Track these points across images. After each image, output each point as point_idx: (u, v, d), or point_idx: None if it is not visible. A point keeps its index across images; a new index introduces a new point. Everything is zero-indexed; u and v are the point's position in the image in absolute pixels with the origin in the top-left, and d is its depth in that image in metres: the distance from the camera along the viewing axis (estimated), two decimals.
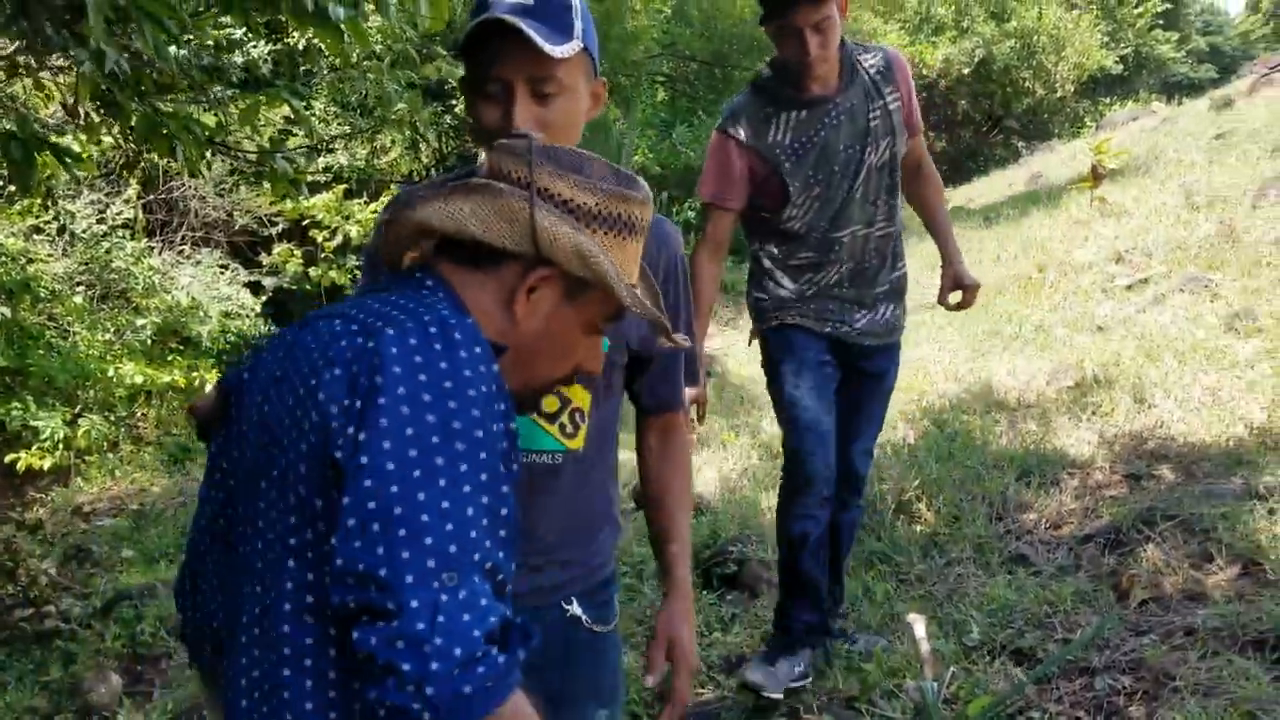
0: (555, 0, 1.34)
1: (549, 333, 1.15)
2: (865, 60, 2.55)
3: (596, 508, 1.53)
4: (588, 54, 1.38)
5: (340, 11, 2.81)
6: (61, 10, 2.61)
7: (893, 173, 2.61)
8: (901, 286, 2.77)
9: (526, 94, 1.33)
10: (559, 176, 1.10)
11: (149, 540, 5.02)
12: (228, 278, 8.86)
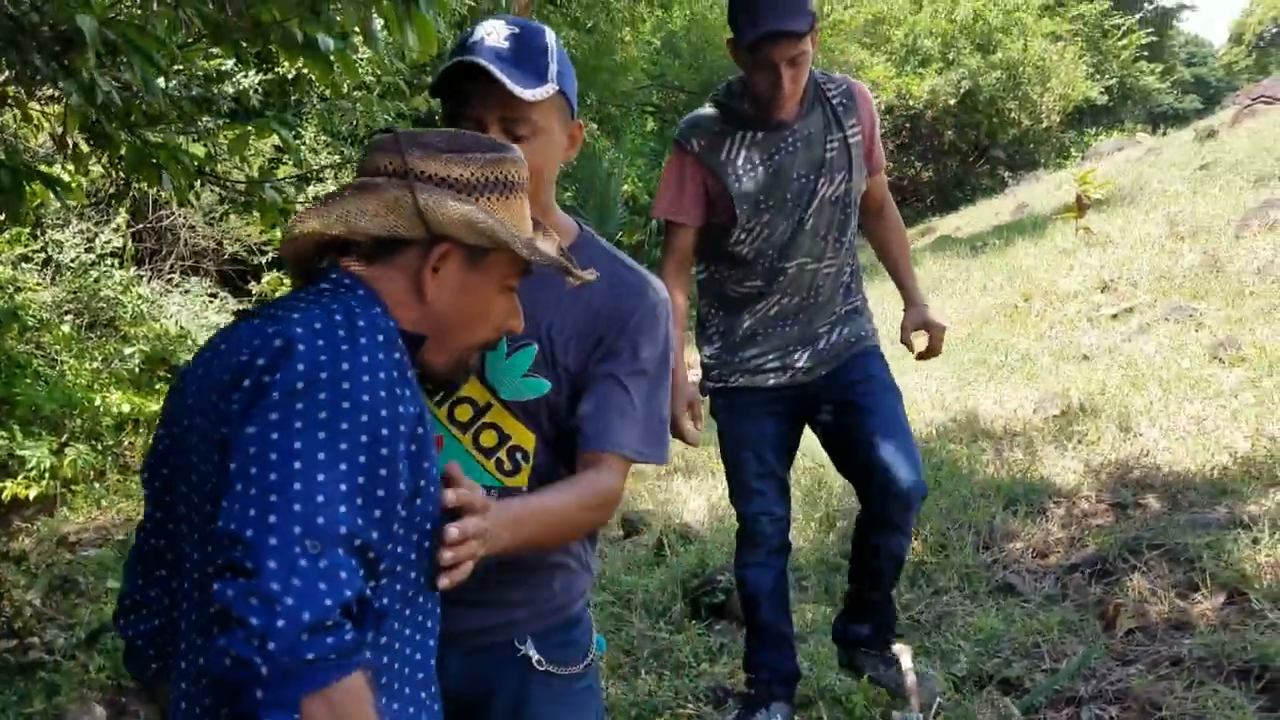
0: (531, 45, 1.38)
1: (463, 302, 1.20)
2: (828, 90, 2.48)
3: (550, 554, 1.48)
4: (563, 96, 1.40)
5: (330, 43, 2.83)
6: (51, 42, 2.63)
7: (846, 208, 2.51)
8: (854, 313, 2.62)
9: (499, 135, 1.36)
10: (431, 158, 1.16)
11: None
12: (216, 306, 8.85)
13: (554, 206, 1.51)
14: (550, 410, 1.44)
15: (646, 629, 3.48)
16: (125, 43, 2.51)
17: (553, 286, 1.43)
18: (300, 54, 2.86)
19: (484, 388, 1.45)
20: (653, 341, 1.46)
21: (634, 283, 1.47)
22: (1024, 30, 18.54)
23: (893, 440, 2.50)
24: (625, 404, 1.44)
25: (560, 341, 1.43)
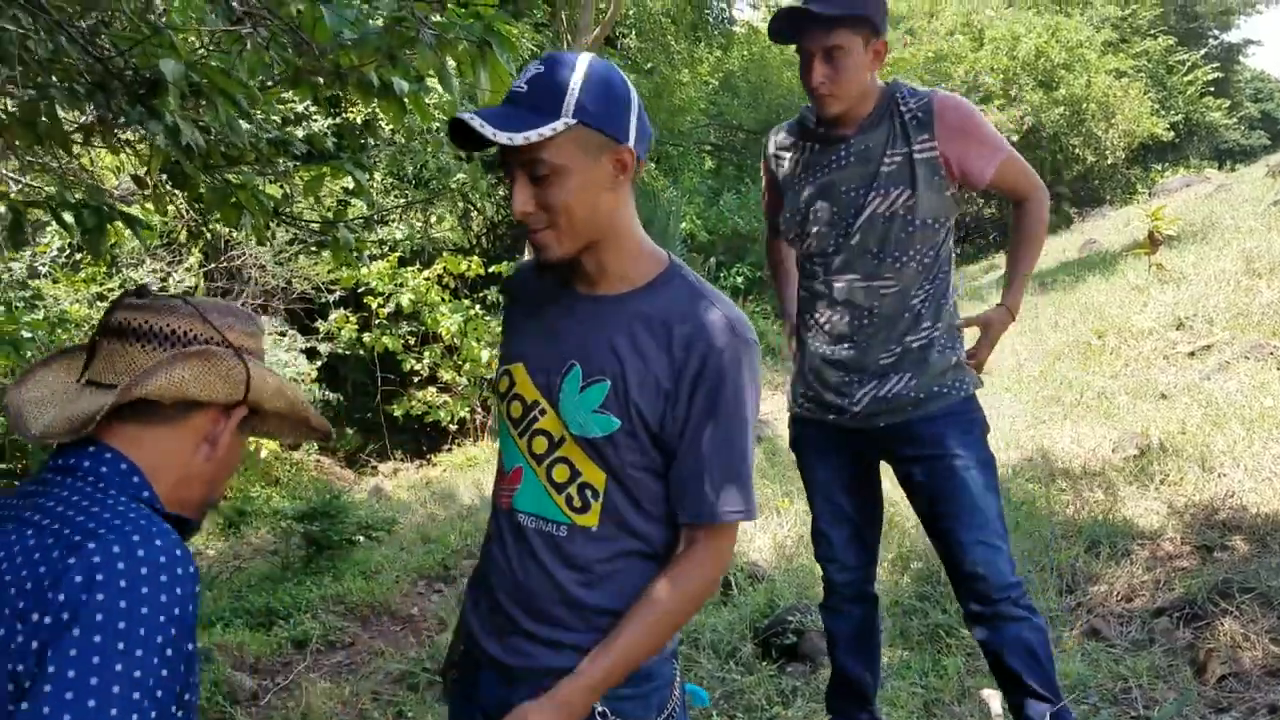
0: (548, 82, 1.35)
1: (226, 459, 1.26)
2: (906, 103, 2.37)
3: (621, 599, 1.44)
4: (587, 127, 1.36)
5: (404, 86, 2.88)
6: (136, 86, 2.71)
7: (910, 226, 2.34)
8: (926, 348, 2.40)
9: (524, 177, 1.38)
10: (235, 327, 1.26)
11: (204, 603, 5.04)
12: (285, 344, 9.02)
13: (630, 235, 1.46)
14: (618, 450, 1.41)
15: (716, 670, 3.41)
16: (209, 86, 2.58)
17: (629, 323, 1.42)
18: (375, 97, 2.91)
19: (559, 420, 1.44)
20: (733, 382, 1.40)
21: (715, 322, 1.41)
22: (1087, 67, 18.34)
23: (978, 537, 2.36)
24: (712, 461, 1.40)
25: (634, 380, 1.40)
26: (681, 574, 1.42)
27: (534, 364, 1.49)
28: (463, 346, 9.91)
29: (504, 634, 1.49)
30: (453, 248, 10.97)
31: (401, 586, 5.12)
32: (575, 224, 1.38)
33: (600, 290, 1.47)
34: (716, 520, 1.41)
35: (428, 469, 9.37)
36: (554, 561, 1.45)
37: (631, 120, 1.39)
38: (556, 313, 1.50)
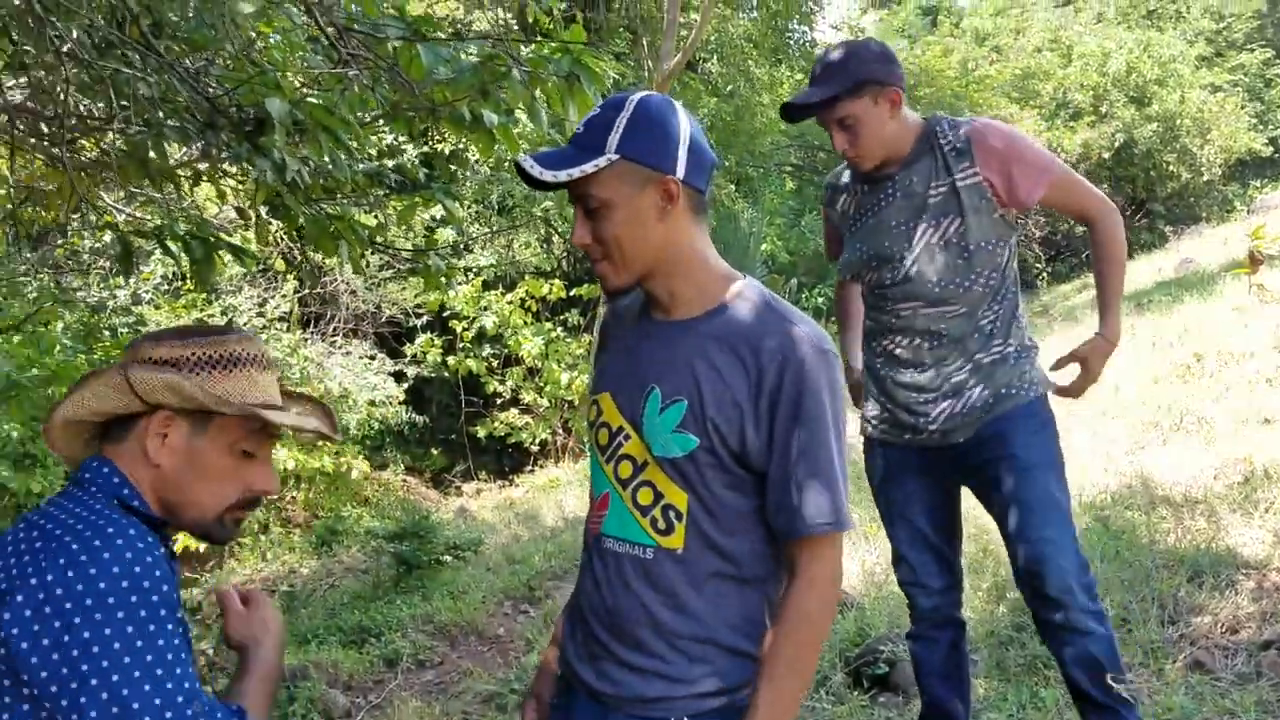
0: (600, 122, 1.44)
1: (193, 465, 1.34)
2: (945, 135, 2.42)
3: (709, 626, 1.46)
4: (630, 162, 1.42)
5: (494, 118, 2.96)
6: (243, 124, 2.83)
7: (966, 252, 2.37)
8: (998, 362, 2.43)
9: (580, 211, 1.47)
10: (155, 345, 1.35)
11: (299, 621, 5.18)
12: (375, 367, 9.26)
13: (696, 260, 1.50)
14: (699, 469, 1.44)
15: (806, 699, 3.38)
16: (312, 123, 2.69)
17: (703, 343, 1.46)
18: (466, 130, 2.99)
19: (642, 444, 1.48)
20: (813, 394, 1.41)
21: (792, 336, 1.43)
22: (1180, 82, 17.82)
23: (1040, 534, 2.35)
24: (800, 474, 1.42)
25: (710, 398, 1.43)
26: (796, 602, 1.42)
27: (618, 391, 1.54)
28: (544, 369, 10.03)
29: (596, 660, 1.52)
30: (535, 271, 11.14)
31: (488, 607, 5.19)
32: (626, 254, 1.46)
33: (675, 315, 1.52)
34: (807, 533, 1.41)
35: (510, 490, 9.49)
36: (641, 585, 1.47)
37: (680, 152, 1.45)
38: (637, 341, 1.56)
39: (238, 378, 1.36)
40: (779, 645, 1.41)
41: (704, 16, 10.40)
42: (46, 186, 3.74)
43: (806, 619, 1.42)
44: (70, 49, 2.50)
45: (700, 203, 1.50)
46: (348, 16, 2.64)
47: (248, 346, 1.39)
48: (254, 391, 1.37)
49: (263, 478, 1.41)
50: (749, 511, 1.46)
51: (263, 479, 1.41)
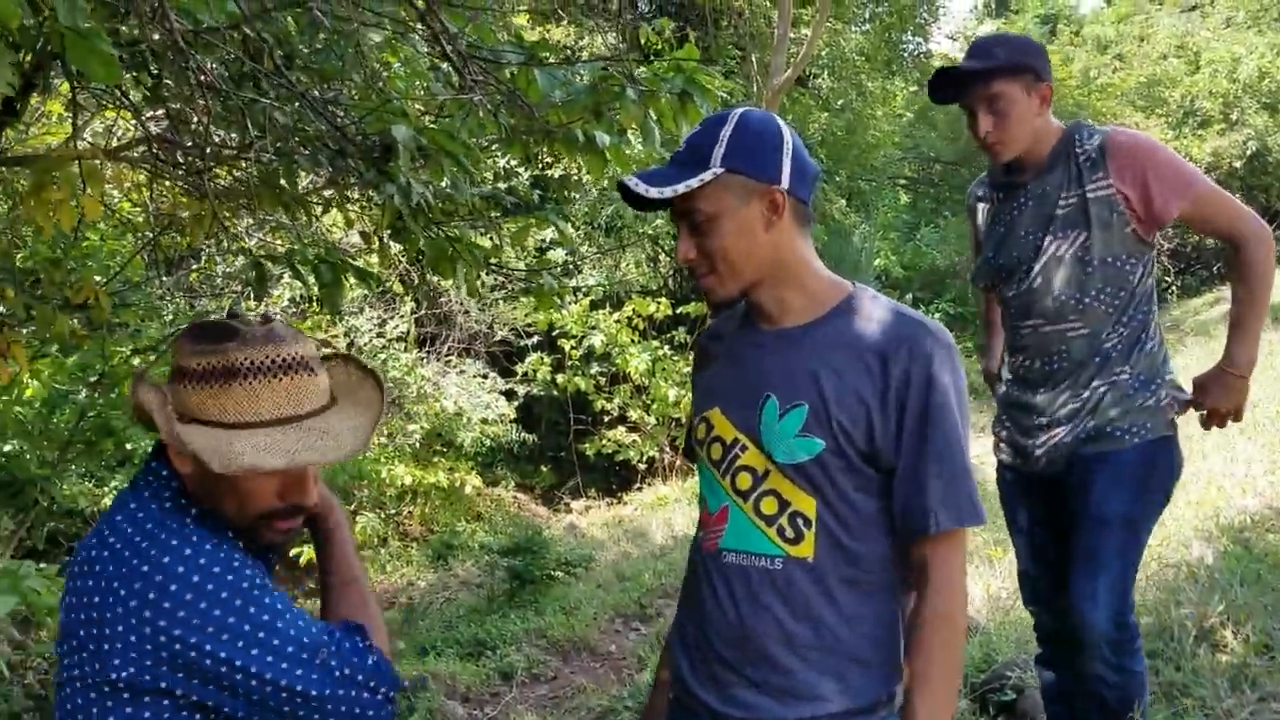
0: (703, 138, 1.46)
1: (208, 473, 1.25)
2: (1083, 144, 2.33)
3: (842, 638, 1.44)
4: (735, 174, 1.43)
5: (606, 139, 3.00)
6: (371, 151, 2.94)
7: (1089, 268, 2.28)
8: (1110, 389, 2.32)
9: (684, 227, 1.48)
10: (181, 348, 1.30)
11: (418, 633, 5.31)
12: (487, 385, 9.44)
13: (803, 268, 1.50)
14: (827, 472, 1.42)
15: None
16: (436, 148, 2.78)
17: (820, 347, 1.45)
18: (579, 152, 3.04)
19: (761, 454, 1.46)
20: (936, 389, 1.41)
21: (912, 331, 1.43)
22: None
23: (1086, 588, 2.31)
24: (932, 470, 1.40)
25: (833, 398, 1.42)
26: (936, 604, 1.40)
27: (728, 404, 1.53)
28: (651, 386, 10.08)
29: (721, 684, 1.49)
30: (641, 290, 11.22)
31: (600, 623, 5.22)
32: (734, 266, 1.46)
33: (785, 323, 1.51)
34: (940, 530, 1.40)
35: (619, 507, 9.55)
36: (771, 598, 1.45)
37: (784, 162, 1.46)
38: (744, 353, 1.55)
39: (235, 392, 1.26)
40: (928, 651, 1.39)
41: (815, 31, 10.34)
42: (183, 214, 3.93)
43: (950, 620, 1.41)
44: (209, 80, 2.64)
45: (805, 213, 1.51)
46: (469, 44, 2.72)
47: (250, 353, 1.27)
48: (255, 406, 1.27)
49: (294, 489, 1.33)
50: (876, 513, 1.45)
51: (294, 491, 1.33)
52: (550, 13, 6.95)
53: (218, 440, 1.23)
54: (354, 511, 7.47)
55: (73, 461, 4.88)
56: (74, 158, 2.39)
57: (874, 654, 1.46)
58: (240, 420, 1.26)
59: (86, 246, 4.90)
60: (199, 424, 1.25)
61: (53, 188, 2.41)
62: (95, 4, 2.14)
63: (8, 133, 3.99)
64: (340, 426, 1.33)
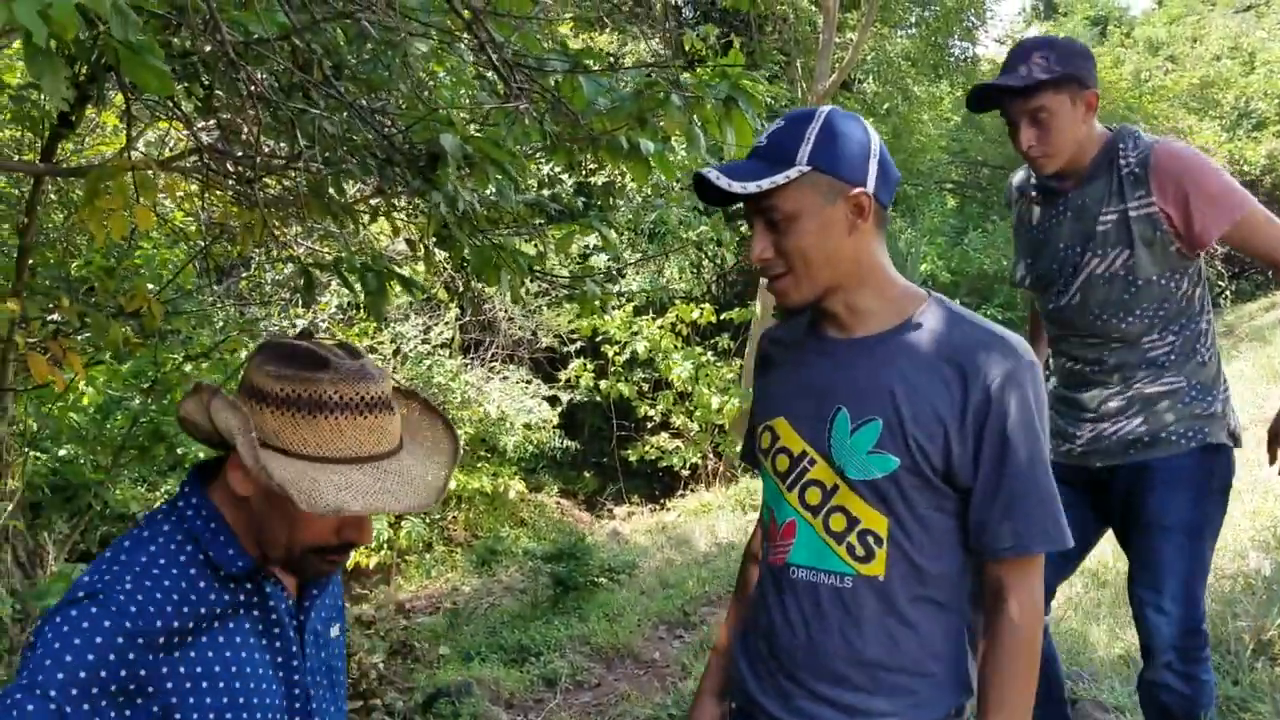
0: (788, 133, 1.40)
1: (274, 506, 1.24)
2: (1127, 156, 2.24)
3: (913, 656, 1.42)
4: (821, 173, 1.38)
5: (650, 146, 2.99)
6: (417, 159, 2.96)
7: (1132, 287, 2.23)
8: (1164, 396, 2.28)
9: (761, 225, 1.42)
10: (258, 369, 1.25)
11: (463, 638, 5.34)
12: (530, 391, 9.49)
13: (880, 275, 1.45)
14: (901, 490, 1.38)
15: None
16: (482, 156, 2.79)
17: (895, 359, 1.41)
18: (622, 158, 3.03)
19: (831, 469, 1.43)
20: (1017, 407, 1.36)
21: (991, 347, 1.38)
22: None
23: (1151, 599, 2.30)
24: (1013, 490, 1.36)
25: (909, 415, 1.37)
26: (1013, 627, 1.38)
27: (796, 415, 1.49)
28: (694, 393, 10.06)
29: (787, 695, 1.48)
30: (684, 296, 11.22)
31: (643, 630, 5.21)
32: (811, 269, 1.41)
33: (857, 332, 1.46)
34: (1022, 552, 1.37)
35: (662, 513, 9.53)
36: (840, 616, 1.42)
37: (871, 164, 1.40)
38: (813, 361, 1.50)
39: (320, 425, 1.22)
40: (1006, 677, 1.37)
41: (860, 36, 10.28)
42: (233, 223, 3.99)
43: (1028, 645, 1.38)
44: (259, 91, 2.67)
45: (884, 217, 1.45)
46: (514, 53, 2.73)
47: (342, 389, 1.23)
48: (338, 443, 1.23)
49: (353, 529, 1.29)
50: (949, 531, 1.42)
51: (352, 530, 1.29)
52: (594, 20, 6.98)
53: (300, 474, 1.19)
54: (399, 517, 7.53)
55: (125, 467, 4.96)
56: (127, 168, 2.43)
57: (943, 669, 1.44)
58: (320, 454, 1.22)
59: (139, 256, 4.99)
60: (274, 450, 1.21)
61: (106, 197, 2.45)
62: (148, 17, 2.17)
63: (64, 144, 4.09)
64: (414, 471, 1.29)
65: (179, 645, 1.20)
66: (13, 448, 4.06)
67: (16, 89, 3.34)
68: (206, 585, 1.25)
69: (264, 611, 1.31)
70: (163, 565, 1.23)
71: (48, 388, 4.08)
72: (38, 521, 4.77)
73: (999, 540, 1.37)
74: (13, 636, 3.82)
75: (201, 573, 1.25)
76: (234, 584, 1.28)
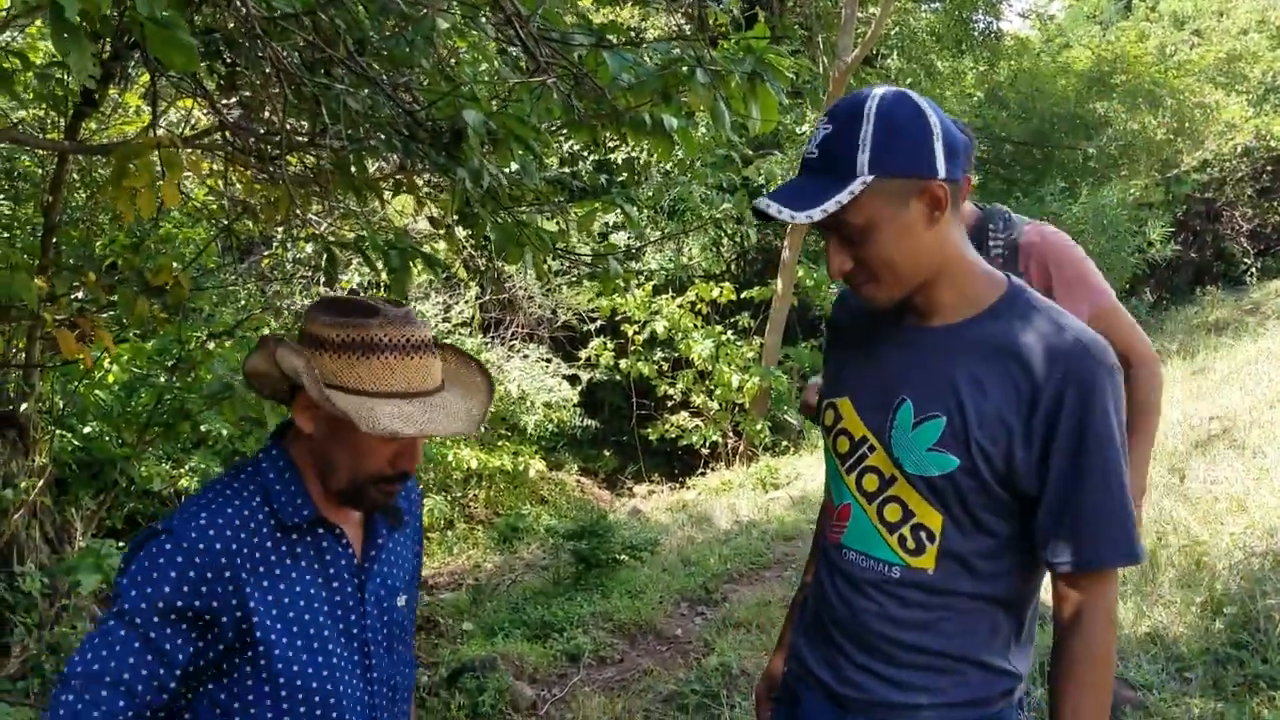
0: (840, 141, 1.31)
1: (337, 437, 1.40)
2: (994, 239, 2.18)
3: (960, 645, 1.39)
4: (887, 177, 1.29)
5: (674, 122, 2.97)
6: (441, 135, 2.95)
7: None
8: None
9: (837, 240, 1.36)
10: (313, 320, 1.39)
11: (486, 614, 5.37)
12: (550, 370, 9.49)
13: (961, 263, 1.38)
14: (958, 490, 1.34)
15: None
16: (505, 132, 2.78)
17: (966, 354, 1.35)
18: (647, 135, 3.01)
19: (889, 459, 1.40)
20: (1100, 413, 1.28)
21: (1069, 347, 1.30)
22: None
23: None
24: (1088, 500, 1.29)
25: (975, 416, 1.32)
26: (1091, 644, 1.33)
27: (862, 399, 1.45)
28: (714, 372, 10.04)
29: (837, 666, 1.48)
30: (704, 275, 11.18)
31: (665, 607, 5.22)
32: (898, 272, 1.34)
33: (932, 321, 1.40)
34: (1099, 566, 1.32)
35: (682, 492, 9.54)
36: (887, 602, 1.41)
37: (936, 149, 1.30)
38: (885, 345, 1.45)
39: (373, 364, 1.36)
40: (1079, 694, 1.33)
41: (884, 10, 10.16)
42: (255, 200, 4.00)
43: (1103, 662, 1.33)
44: (282, 67, 2.66)
45: (957, 195, 1.36)
46: (539, 26, 2.71)
47: (390, 332, 1.37)
48: (390, 379, 1.37)
49: (405, 457, 1.43)
50: (1005, 534, 1.37)
51: (405, 458, 1.43)
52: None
53: (360, 405, 1.34)
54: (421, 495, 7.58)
55: (151, 444, 5.00)
56: (153, 146, 2.43)
57: (995, 659, 1.41)
58: (375, 390, 1.36)
59: (163, 233, 5.01)
60: (335, 389, 1.35)
61: (133, 175, 2.45)
62: None
63: (87, 123, 4.10)
64: (457, 405, 1.44)
65: (246, 582, 1.34)
66: (40, 425, 4.10)
67: (40, 67, 3.34)
68: (269, 532, 1.40)
69: (322, 564, 1.44)
70: (232, 510, 1.37)
71: (74, 365, 4.11)
72: (65, 498, 4.83)
73: (1070, 555, 1.32)
74: (42, 611, 3.87)
75: (265, 523, 1.40)
76: (295, 535, 1.42)
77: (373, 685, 1.48)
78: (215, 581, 1.31)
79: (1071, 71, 13.98)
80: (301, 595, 1.40)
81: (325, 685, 1.40)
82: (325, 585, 1.44)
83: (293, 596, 1.39)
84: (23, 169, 4.74)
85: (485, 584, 6.16)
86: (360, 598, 1.47)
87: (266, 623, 1.35)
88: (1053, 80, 13.85)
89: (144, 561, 1.31)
